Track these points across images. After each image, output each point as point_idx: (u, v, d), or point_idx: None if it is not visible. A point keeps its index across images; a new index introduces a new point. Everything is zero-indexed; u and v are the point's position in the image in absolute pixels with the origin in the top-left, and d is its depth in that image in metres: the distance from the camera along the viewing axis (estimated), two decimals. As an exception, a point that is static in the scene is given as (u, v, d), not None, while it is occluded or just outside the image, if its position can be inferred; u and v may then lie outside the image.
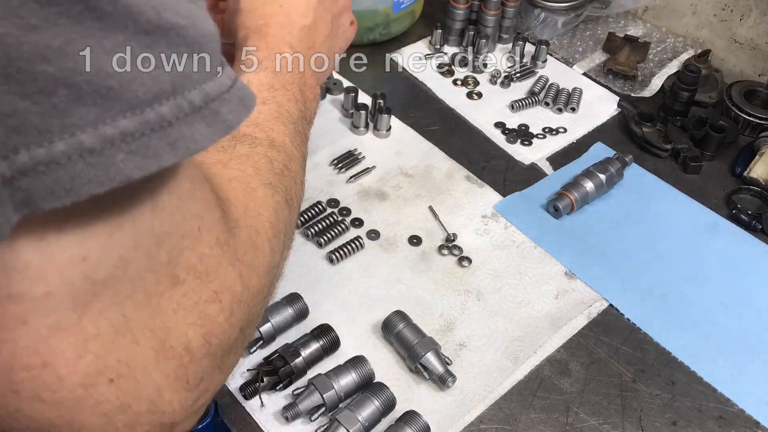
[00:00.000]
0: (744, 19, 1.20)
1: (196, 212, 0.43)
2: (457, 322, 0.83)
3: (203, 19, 0.38)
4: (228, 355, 0.48)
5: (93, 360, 0.38)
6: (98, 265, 0.37)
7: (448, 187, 0.99)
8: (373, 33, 1.21)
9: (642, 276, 0.90)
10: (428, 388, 0.77)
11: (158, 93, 0.34)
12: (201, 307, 0.43)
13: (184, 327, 0.43)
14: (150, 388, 0.41)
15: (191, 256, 0.42)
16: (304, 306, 0.80)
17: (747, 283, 0.90)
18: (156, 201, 0.39)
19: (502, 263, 0.90)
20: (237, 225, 0.50)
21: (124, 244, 0.38)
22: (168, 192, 0.40)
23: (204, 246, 0.44)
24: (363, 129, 1.06)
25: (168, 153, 0.35)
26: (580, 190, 0.96)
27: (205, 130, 0.37)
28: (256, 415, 0.73)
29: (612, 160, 0.99)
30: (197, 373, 0.44)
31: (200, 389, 0.45)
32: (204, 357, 0.44)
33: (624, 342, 0.83)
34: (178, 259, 0.42)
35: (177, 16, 0.35)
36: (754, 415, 0.77)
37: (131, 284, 0.39)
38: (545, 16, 1.25)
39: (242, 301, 0.48)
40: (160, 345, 0.41)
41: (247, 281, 0.49)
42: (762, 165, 1.03)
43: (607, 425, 0.75)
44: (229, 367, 0.50)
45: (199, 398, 0.45)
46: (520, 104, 1.12)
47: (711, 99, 1.15)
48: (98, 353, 0.38)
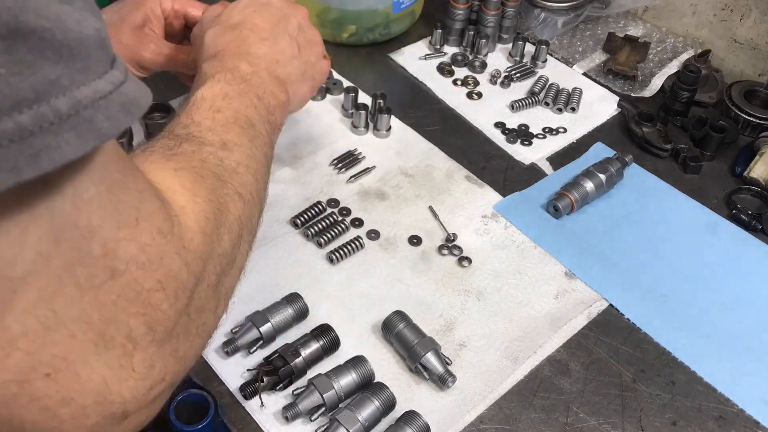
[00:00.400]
0: (744, 19, 1.20)
1: (132, 203, 0.43)
2: (457, 322, 0.83)
3: (78, 21, 0.36)
4: (181, 342, 0.48)
5: (23, 357, 0.38)
6: (13, 262, 0.37)
7: (448, 187, 0.99)
8: (373, 33, 1.21)
9: (642, 276, 0.90)
10: (428, 388, 0.77)
11: (17, 101, 0.33)
12: (144, 296, 0.44)
13: (125, 317, 0.43)
14: (94, 380, 0.41)
15: (130, 246, 0.42)
16: (304, 306, 0.80)
17: (747, 283, 0.90)
18: (79, 194, 0.39)
19: (502, 263, 0.90)
20: (184, 212, 0.50)
21: (41, 239, 0.37)
22: (95, 184, 0.40)
23: (144, 236, 0.44)
24: (363, 129, 1.06)
25: (29, 165, 0.33)
26: (580, 190, 0.96)
27: (75, 140, 0.35)
28: (256, 415, 0.73)
29: (612, 160, 1.00)
30: (145, 361, 0.44)
31: (153, 378, 0.45)
32: (150, 345, 0.44)
33: (624, 342, 0.83)
34: (116, 251, 0.41)
35: (40, 19, 0.33)
36: (754, 415, 0.77)
37: (58, 279, 0.39)
38: (545, 16, 1.25)
39: (188, 288, 0.48)
40: (98, 337, 0.41)
41: (194, 268, 0.49)
42: (762, 165, 1.03)
43: (607, 425, 0.75)
44: (187, 356, 0.50)
45: (154, 387, 0.45)
46: (520, 104, 1.12)
47: (711, 99, 1.15)
48: (29, 350, 0.38)
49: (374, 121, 1.06)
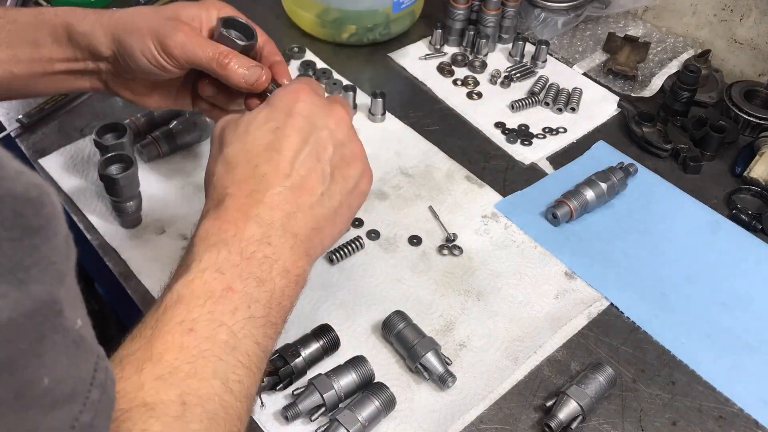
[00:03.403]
0: (744, 19, 1.20)
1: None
2: (457, 322, 0.83)
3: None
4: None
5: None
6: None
7: (448, 187, 0.99)
8: (373, 33, 1.21)
9: (642, 275, 0.90)
10: (428, 388, 0.77)
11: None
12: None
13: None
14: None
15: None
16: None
17: (748, 283, 0.90)
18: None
19: (502, 263, 0.90)
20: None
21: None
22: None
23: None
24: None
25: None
26: (580, 198, 0.94)
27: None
28: (256, 415, 0.73)
29: (615, 170, 0.98)
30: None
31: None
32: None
33: (624, 342, 0.83)
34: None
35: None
36: (753, 415, 0.77)
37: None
38: (545, 16, 1.25)
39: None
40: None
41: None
42: (762, 165, 1.03)
43: (607, 425, 0.75)
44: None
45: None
46: (520, 104, 1.12)
47: (711, 99, 1.15)
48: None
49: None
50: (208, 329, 0.54)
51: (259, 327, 0.57)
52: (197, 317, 0.54)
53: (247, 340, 0.56)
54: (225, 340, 0.54)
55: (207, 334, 0.54)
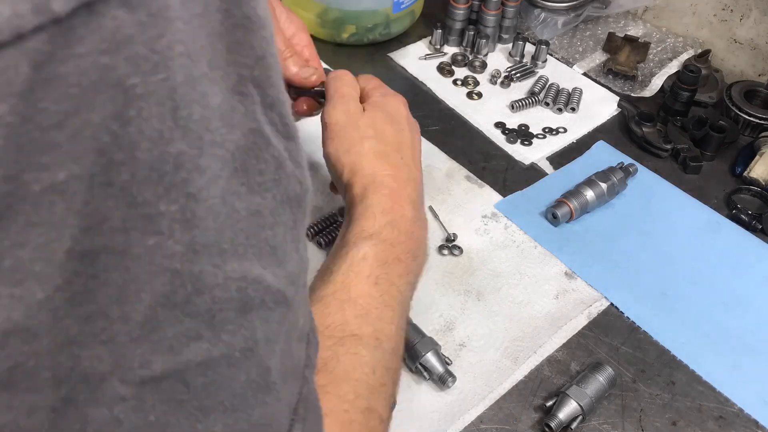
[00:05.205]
0: (744, 19, 1.20)
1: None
2: (457, 322, 0.83)
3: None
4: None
5: None
6: None
7: (448, 187, 0.99)
8: (373, 33, 1.21)
9: (642, 275, 0.90)
10: (428, 388, 0.77)
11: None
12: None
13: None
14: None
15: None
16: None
17: (748, 283, 0.90)
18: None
19: (502, 263, 0.90)
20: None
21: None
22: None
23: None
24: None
25: None
26: (581, 198, 0.94)
27: None
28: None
29: (616, 170, 0.98)
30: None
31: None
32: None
33: (624, 342, 0.83)
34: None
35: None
36: (753, 415, 0.77)
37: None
38: (545, 16, 1.25)
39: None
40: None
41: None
42: (762, 165, 1.03)
43: (607, 425, 0.75)
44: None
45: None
46: (520, 104, 1.12)
47: (711, 99, 1.15)
48: None
49: None
50: (386, 285, 0.65)
51: (412, 292, 0.70)
52: (379, 275, 0.65)
53: (406, 302, 0.68)
54: (395, 296, 0.66)
55: (385, 288, 0.65)
